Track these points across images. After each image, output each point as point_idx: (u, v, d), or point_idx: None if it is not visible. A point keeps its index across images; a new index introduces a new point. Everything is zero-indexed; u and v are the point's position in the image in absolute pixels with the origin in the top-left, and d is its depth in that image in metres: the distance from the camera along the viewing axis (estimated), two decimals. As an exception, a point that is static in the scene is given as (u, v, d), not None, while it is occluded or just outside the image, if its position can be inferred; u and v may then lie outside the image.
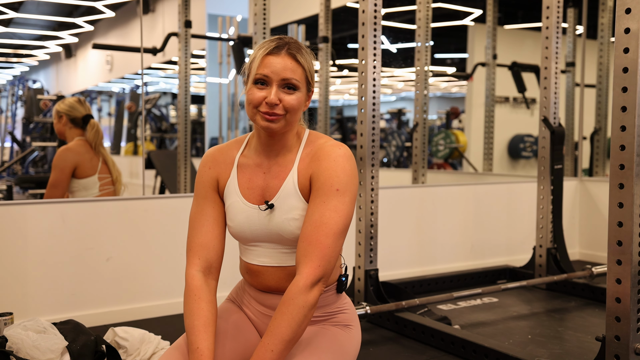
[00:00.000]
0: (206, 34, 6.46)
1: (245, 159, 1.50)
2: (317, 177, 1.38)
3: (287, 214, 1.41)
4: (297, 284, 1.31)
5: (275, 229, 1.42)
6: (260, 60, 1.39)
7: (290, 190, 1.42)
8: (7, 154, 9.94)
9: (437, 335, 2.45)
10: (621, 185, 1.74)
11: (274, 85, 1.38)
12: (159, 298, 2.91)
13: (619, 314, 1.76)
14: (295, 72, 1.39)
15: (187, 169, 4.43)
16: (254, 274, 1.50)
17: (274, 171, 1.46)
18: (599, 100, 5.15)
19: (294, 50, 1.40)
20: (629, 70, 1.71)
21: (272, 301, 1.49)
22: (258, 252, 1.48)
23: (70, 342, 1.94)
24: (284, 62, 1.38)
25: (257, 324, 1.53)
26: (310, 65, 1.43)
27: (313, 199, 1.38)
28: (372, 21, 2.63)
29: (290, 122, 1.41)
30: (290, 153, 1.46)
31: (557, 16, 3.26)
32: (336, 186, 1.37)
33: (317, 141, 1.47)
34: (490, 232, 4.01)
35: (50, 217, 2.68)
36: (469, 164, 6.40)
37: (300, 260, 1.34)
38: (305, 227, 1.36)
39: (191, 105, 4.53)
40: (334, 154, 1.40)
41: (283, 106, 1.38)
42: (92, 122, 3.20)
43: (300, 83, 1.40)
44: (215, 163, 1.51)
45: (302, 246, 1.34)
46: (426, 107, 4.28)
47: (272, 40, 1.41)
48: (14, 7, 7.28)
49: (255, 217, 1.44)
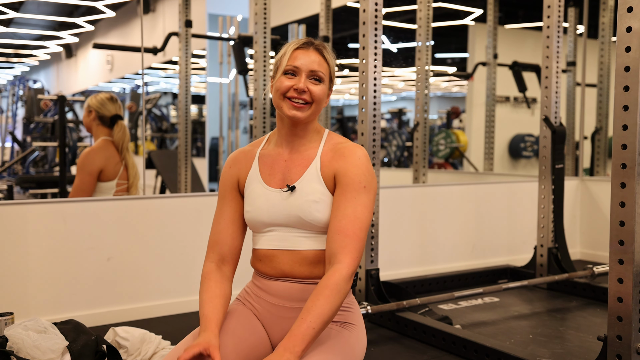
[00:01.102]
0: (207, 34, 6.46)
1: (266, 152, 1.61)
2: (344, 173, 1.47)
3: (309, 196, 1.48)
4: (340, 272, 1.38)
5: (295, 211, 1.49)
6: (290, 54, 1.53)
7: (313, 175, 1.50)
8: (8, 154, 9.94)
9: (439, 335, 2.45)
10: (623, 185, 1.73)
11: (303, 76, 1.51)
12: (159, 298, 2.91)
13: (620, 314, 1.75)
14: (321, 65, 1.53)
15: (187, 169, 4.42)
16: (266, 260, 1.53)
17: (295, 159, 1.55)
18: (599, 99, 5.15)
19: (320, 47, 1.55)
20: (630, 69, 1.71)
21: (283, 289, 1.51)
22: (272, 236, 1.53)
23: (70, 342, 1.94)
24: (313, 56, 1.53)
25: (265, 318, 1.54)
26: (333, 64, 1.57)
27: (342, 193, 1.46)
28: (373, 20, 2.63)
29: (315, 112, 1.53)
30: (312, 145, 1.57)
31: (558, 15, 3.26)
32: (363, 183, 1.47)
33: (337, 139, 1.58)
34: (491, 231, 4.01)
35: (51, 217, 2.68)
36: (470, 164, 6.39)
37: (338, 251, 1.41)
38: (339, 220, 1.43)
39: (192, 105, 4.52)
40: (358, 153, 1.50)
41: (310, 95, 1.51)
42: (120, 124, 3.14)
43: (325, 77, 1.54)
44: (236, 162, 1.62)
45: (338, 238, 1.41)
46: (427, 106, 4.27)
47: (301, 39, 1.56)
48: (14, 7, 7.27)
49: (276, 200, 1.51)
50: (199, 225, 3.03)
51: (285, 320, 1.52)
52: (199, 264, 3.04)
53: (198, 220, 3.03)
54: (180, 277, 2.97)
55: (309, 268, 1.50)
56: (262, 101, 3.56)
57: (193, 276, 3.01)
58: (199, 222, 3.04)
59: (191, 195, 3.15)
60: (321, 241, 1.50)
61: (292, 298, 1.51)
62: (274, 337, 1.53)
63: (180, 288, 2.97)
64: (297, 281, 1.51)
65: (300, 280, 1.50)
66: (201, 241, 3.03)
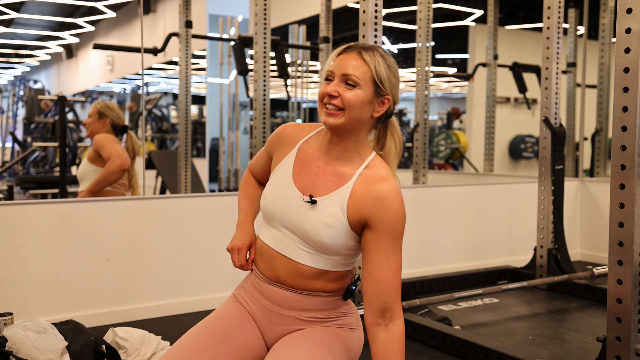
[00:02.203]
0: (207, 34, 6.46)
1: (307, 146, 1.54)
2: (381, 220, 1.41)
3: (325, 218, 1.43)
4: (400, 327, 1.41)
5: (305, 225, 1.44)
6: (333, 59, 1.47)
7: (339, 201, 1.44)
8: (8, 154, 9.94)
9: (438, 335, 2.45)
10: (622, 186, 1.73)
11: (336, 79, 1.44)
12: (159, 298, 2.91)
13: (620, 315, 1.75)
14: (357, 69, 1.42)
15: (187, 170, 4.42)
16: (265, 257, 1.51)
17: (328, 172, 1.48)
18: (600, 100, 5.15)
19: (362, 48, 1.44)
20: (630, 71, 1.71)
21: (278, 296, 1.49)
22: (277, 235, 1.49)
23: (70, 342, 1.94)
24: (349, 59, 1.43)
25: (260, 319, 1.53)
26: (381, 68, 1.44)
27: (381, 241, 1.41)
28: (373, 21, 2.63)
29: (351, 121, 1.43)
30: (350, 166, 1.48)
31: (558, 16, 3.26)
32: (400, 230, 1.42)
33: (378, 169, 1.46)
34: (491, 232, 4.00)
35: (51, 217, 2.68)
36: (470, 165, 6.39)
37: (393, 305, 1.41)
38: (386, 272, 1.41)
39: (192, 106, 4.52)
40: (395, 197, 1.42)
41: (342, 99, 1.42)
42: (131, 134, 3.39)
43: (361, 81, 1.42)
44: (281, 138, 1.58)
45: (390, 292, 1.41)
46: (427, 107, 4.27)
47: (350, 43, 1.48)
48: (15, 7, 7.28)
49: (294, 203, 1.47)
50: (199, 225, 3.03)
51: (279, 325, 1.50)
52: (198, 264, 3.05)
53: (198, 220, 3.03)
54: (180, 277, 2.97)
55: (304, 281, 1.47)
56: (263, 102, 3.56)
57: (192, 277, 3.01)
58: (199, 223, 3.04)
59: (191, 196, 3.15)
60: (321, 261, 1.46)
61: (287, 306, 1.49)
62: (269, 339, 1.52)
63: (179, 289, 2.97)
64: (293, 290, 1.48)
65: (296, 290, 1.48)
66: (201, 242, 3.03)
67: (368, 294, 1.42)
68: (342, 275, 1.52)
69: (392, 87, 1.46)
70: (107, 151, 3.17)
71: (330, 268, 1.47)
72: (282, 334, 1.50)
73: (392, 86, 1.46)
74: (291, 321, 1.49)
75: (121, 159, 3.13)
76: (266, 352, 1.53)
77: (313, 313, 1.49)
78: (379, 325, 1.40)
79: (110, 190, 3.23)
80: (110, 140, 3.25)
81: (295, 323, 1.49)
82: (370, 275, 1.41)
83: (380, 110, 1.46)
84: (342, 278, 1.52)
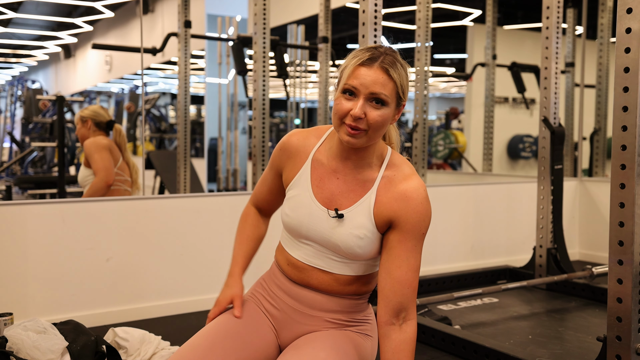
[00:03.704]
0: (206, 34, 6.46)
1: (321, 155, 1.48)
2: (405, 220, 1.38)
3: (355, 230, 1.40)
4: (413, 329, 1.39)
5: (335, 239, 1.41)
6: (352, 70, 1.35)
7: (365, 210, 1.40)
8: (6, 155, 9.93)
9: (438, 335, 2.45)
10: (622, 185, 1.73)
11: (361, 98, 1.34)
12: (159, 298, 2.91)
13: (620, 314, 1.76)
14: (385, 87, 1.34)
15: (186, 170, 4.42)
16: (296, 269, 1.49)
17: (350, 182, 1.43)
18: (598, 100, 5.15)
19: (387, 63, 1.35)
20: (630, 70, 1.71)
21: (308, 298, 1.48)
22: (307, 250, 1.47)
23: (70, 342, 1.94)
24: (375, 76, 1.33)
25: (278, 319, 1.51)
26: (404, 79, 1.37)
27: (403, 241, 1.38)
28: (373, 21, 2.63)
29: (373, 138, 1.37)
30: (371, 170, 1.43)
31: (556, 16, 3.26)
32: (423, 230, 1.40)
33: (400, 167, 1.43)
34: (490, 232, 4.01)
35: (50, 218, 2.68)
36: (469, 165, 6.39)
37: (409, 305, 1.39)
38: (405, 272, 1.38)
39: (191, 106, 4.52)
40: (420, 197, 1.38)
41: (367, 121, 1.34)
42: (117, 127, 3.40)
43: (389, 98, 1.35)
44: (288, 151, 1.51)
45: (408, 292, 1.38)
46: (426, 107, 4.27)
47: (367, 50, 1.37)
48: (13, 7, 7.26)
49: (320, 219, 1.43)
50: (198, 225, 3.03)
51: (299, 324, 1.49)
52: (198, 264, 3.04)
53: (197, 220, 3.03)
54: (180, 277, 2.97)
55: (338, 287, 1.46)
56: (262, 102, 3.56)
57: (193, 277, 3.01)
58: (198, 223, 3.03)
59: (190, 196, 3.15)
60: (355, 267, 1.45)
61: (316, 307, 1.48)
62: (284, 339, 1.51)
63: (179, 288, 2.96)
64: (325, 293, 1.47)
65: (327, 293, 1.47)
66: (200, 241, 3.03)
67: (385, 291, 1.39)
68: (375, 276, 1.52)
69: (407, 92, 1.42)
70: (94, 164, 3.21)
71: (364, 272, 1.47)
72: (302, 333, 1.49)
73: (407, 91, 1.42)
74: (316, 321, 1.48)
75: (106, 175, 3.18)
76: (278, 350, 1.51)
77: (339, 315, 1.49)
78: (393, 325, 1.38)
79: (113, 189, 3.26)
80: (98, 147, 3.23)
81: (319, 324, 1.48)
82: (389, 274, 1.39)
83: (397, 117, 1.43)
84: (374, 278, 1.52)
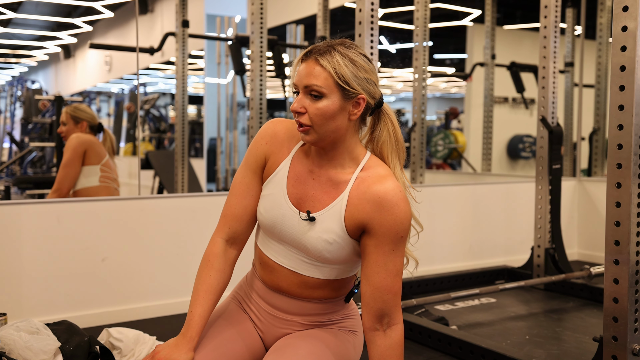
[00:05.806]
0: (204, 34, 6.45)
1: (301, 154, 1.43)
2: (379, 224, 1.33)
3: (324, 234, 1.37)
4: (398, 333, 1.37)
5: (304, 242, 1.39)
6: (294, 69, 1.35)
7: (336, 214, 1.36)
8: (6, 155, 9.92)
9: (435, 335, 2.44)
10: (618, 185, 1.72)
11: (301, 93, 1.32)
12: (154, 299, 2.90)
13: (616, 315, 1.74)
14: (318, 77, 1.29)
15: (184, 170, 4.41)
16: (267, 269, 1.46)
17: (324, 184, 1.39)
18: (597, 100, 5.14)
19: (318, 53, 1.31)
20: (626, 69, 1.70)
21: (281, 302, 1.47)
22: (278, 249, 1.44)
23: (63, 343, 1.93)
24: (309, 68, 1.31)
25: (261, 323, 1.51)
26: (342, 68, 1.30)
27: (379, 245, 1.34)
28: (369, 20, 2.62)
29: (322, 134, 1.33)
30: (343, 172, 1.39)
31: (555, 16, 3.25)
32: (402, 233, 1.35)
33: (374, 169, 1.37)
34: (488, 232, 4.00)
35: (46, 217, 2.67)
36: (468, 164, 6.38)
37: (392, 310, 1.36)
38: (384, 278, 1.34)
39: (190, 106, 4.51)
40: (395, 198, 1.33)
41: (308, 115, 1.31)
42: (107, 131, 3.48)
43: (324, 89, 1.29)
44: (275, 142, 1.44)
45: (388, 298, 1.35)
46: (424, 107, 4.26)
47: (310, 46, 1.35)
48: (12, 7, 7.25)
49: (291, 221, 1.40)
50: (195, 225, 3.02)
51: (281, 329, 1.49)
52: (194, 264, 3.02)
53: (194, 220, 3.02)
54: (176, 277, 2.96)
55: (308, 291, 1.44)
56: (259, 101, 3.55)
57: (188, 277, 2.99)
58: (195, 223, 3.02)
59: (187, 196, 3.14)
60: (326, 271, 1.42)
61: (290, 312, 1.47)
62: (268, 341, 1.51)
63: (175, 289, 2.95)
64: (295, 298, 1.46)
65: (299, 298, 1.46)
66: (197, 242, 3.02)
67: (366, 298, 1.36)
68: (347, 281, 1.49)
69: (362, 83, 1.32)
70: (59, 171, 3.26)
71: (335, 277, 1.44)
72: (283, 335, 1.49)
73: (362, 82, 1.32)
74: (293, 325, 1.48)
75: (59, 189, 3.21)
76: (264, 351, 1.51)
77: (315, 317, 1.48)
78: (377, 330, 1.36)
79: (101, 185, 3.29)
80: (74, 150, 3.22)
81: (297, 327, 1.48)
82: (368, 280, 1.35)
83: (357, 112, 1.34)
84: (347, 284, 1.50)
